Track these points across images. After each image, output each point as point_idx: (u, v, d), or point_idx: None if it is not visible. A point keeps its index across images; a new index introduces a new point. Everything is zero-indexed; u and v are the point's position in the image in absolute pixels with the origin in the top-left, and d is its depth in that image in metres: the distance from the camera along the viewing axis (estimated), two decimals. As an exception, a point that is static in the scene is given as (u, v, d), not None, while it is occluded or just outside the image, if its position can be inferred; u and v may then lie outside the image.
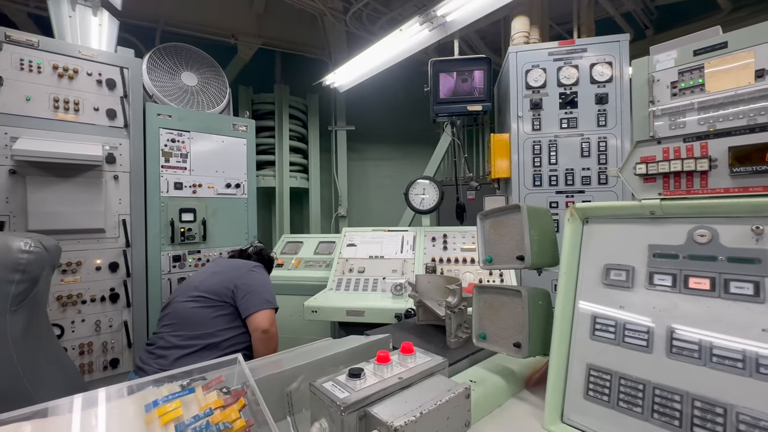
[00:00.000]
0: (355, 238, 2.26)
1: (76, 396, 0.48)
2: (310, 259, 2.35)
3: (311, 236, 2.58)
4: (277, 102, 3.44)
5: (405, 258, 2.09)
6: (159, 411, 0.48)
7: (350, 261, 2.13)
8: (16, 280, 0.86)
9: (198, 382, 0.56)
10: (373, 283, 1.98)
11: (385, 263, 2.08)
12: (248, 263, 1.53)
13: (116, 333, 1.84)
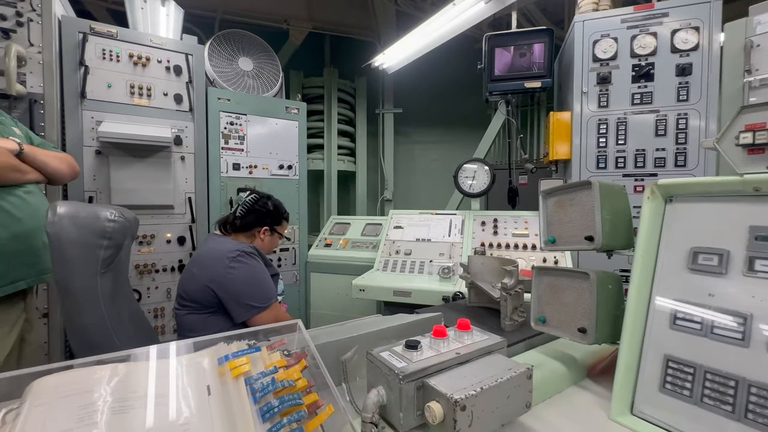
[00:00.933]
0: (402, 220, 2.25)
1: (160, 345, 0.52)
2: (357, 240, 2.39)
3: (358, 218, 2.61)
4: (326, 85, 3.49)
5: (453, 242, 2.05)
6: (230, 365, 0.52)
7: (397, 243, 2.14)
8: (104, 246, 0.97)
9: (263, 342, 0.59)
10: (420, 265, 1.97)
11: (432, 246, 2.06)
12: (225, 255, 1.20)
13: (184, 301, 2.03)
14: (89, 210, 0.97)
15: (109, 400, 0.43)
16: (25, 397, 0.42)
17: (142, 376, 0.48)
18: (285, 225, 1.48)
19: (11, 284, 1.12)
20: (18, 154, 1.15)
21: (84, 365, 0.47)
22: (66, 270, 0.91)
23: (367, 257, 2.21)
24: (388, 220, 2.28)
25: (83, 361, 0.48)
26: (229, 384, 0.49)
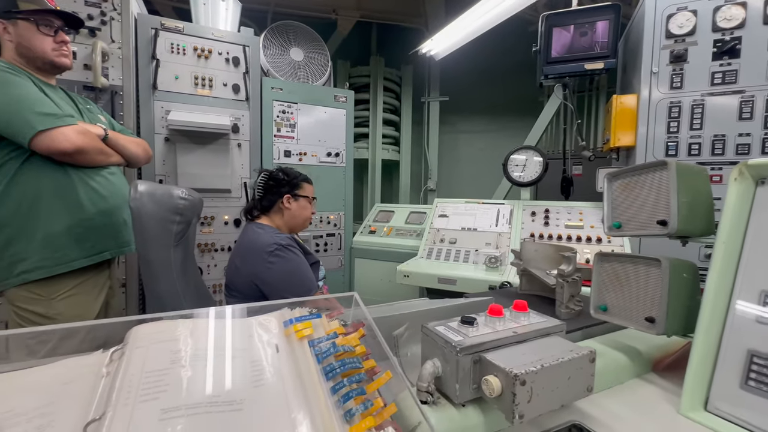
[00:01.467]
0: (447, 209, 2.23)
1: (234, 306, 0.57)
2: (401, 227, 2.41)
3: (402, 206, 2.62)
4: (372, 74, 3.50)
5: (500, 232, 2.00)
6: (294, 327, 0.55)
7: (441, 231, 2.12)
8: (176, 221, 1.06)
9: (322, 310, 0.62)
10: (465, 254, 1.94)
11: (478, 236, 2.02)
12: (263, 250, 1.22)
13: (239, 279, 2.17)
14: (164, 189, 1.07)
15: (193, 348, 0.48)
16: (126, 340, 0.49)
17: (220, 331, 0.53)
18: (307, 187, 1.42)
19: (99, 254, 1.26)
20: (104, 138, 1.28)
21: (171, 318, 0.53)
22: (145, 241, 1.01)
23: (410, 245, 2.22)
24: (432, 209, 2.26)
25: (170, 314, 0.54)
26: (295, 345, 0.53)
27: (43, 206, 1.15)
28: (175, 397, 0.41)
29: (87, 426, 0.38)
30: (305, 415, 0.43)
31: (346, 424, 0.43)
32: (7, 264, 1.13)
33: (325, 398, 0.45)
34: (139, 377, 0.42)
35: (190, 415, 0.39)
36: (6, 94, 1.07)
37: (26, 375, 0.47)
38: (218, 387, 0.44)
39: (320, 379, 0.48)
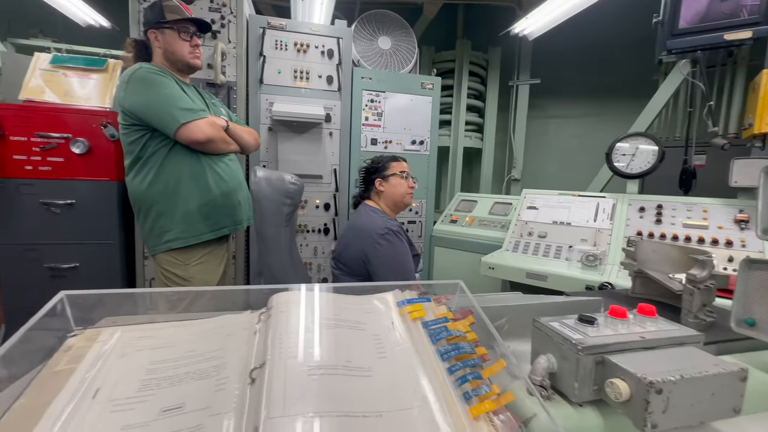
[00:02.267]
0: (537, 201, 2.10)
1: (352, 284, 0.63)
2: (485, 218, 2.34)
3: (486, 196, 2.54)
4: (457, 58, 3.40)
5: (599, 227, 1.82)
6: (408, 308, 0.59)
7: (530, 224, 2.01)
8: (287, 203, 1.19)
9: (430, 295, 0.64)
10: (557, 249, 1.82)
11: (572, 231, 1.87)
12: (375, 232, 1.29)
13: (326, 259, 2.34)
14: (277, 175, 1.20)
15: (323, 317, 0.55)
16: (270, 305, 0.57)
17: (343, 304, 0.59)
18: (394, 165, 1.48)
19: (220, 230, 1.46)
20: (225, 129, 1.47)
21: (304, 290, 0.60)
22: (262, 219, 1.15)
23: (494, 236, 2.15)
24: (520, 200, 2.15)
25: (302, 286, 0.61)
26: (409, 324, 0.56)
27: (183, 188, 1.37)
28: (315, 357, 0.47)
29: (252, 371, 0.46)
30: (428, 388, 0.46)
31: (465, 404, 0.45)
32: (157, 234, 1.38)
33: (443, 376, 0.48)
34: (286, 337, 0.50)
35: (330, 374, 0.45)
36: (159, 93, 1.29)
37: (198, 325, 0.58)
38: (347, 354, 0.49)
39: (437, 359, 0.50)
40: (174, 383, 0.46)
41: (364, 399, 0.43)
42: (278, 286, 0.60)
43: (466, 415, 0.43)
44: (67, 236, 1.83)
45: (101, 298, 0.57)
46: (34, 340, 0.51)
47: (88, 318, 0.57)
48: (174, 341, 0.53)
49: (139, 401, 0.44)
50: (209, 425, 0.41)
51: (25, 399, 0.44)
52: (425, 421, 0.42)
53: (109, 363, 0.49)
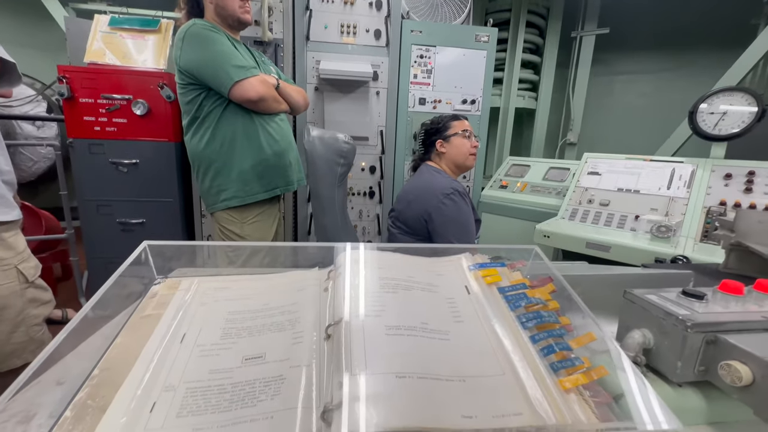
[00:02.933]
0: (600, 166, 1.93)
1: (416, 246, 0.60)
2: (538, 184, 2.20)
3: (540, 160, 2.38)
4: (514, 7, 3.08)
5: (672, 196, 1.65)
6: (482, 272, 0.55)
7: (590, 191, 1.86)
8: (340, 163, 1.16)
9: (503, 260, 0.60)
10: (620, 219, 1.68)
11: (640, 199, 1.71)
12: (440, 191, 1.25)
13: (371, 222, 2.35)
14: (330, 134, 1.17)
15: (393, 278, 0.53)
16: (339, 262, 0.56)
17: (413, 265, 0.57)
18: (455, 124, 1.40)
19: (272, 190, 1.49)
20: (276, 88, 1.45)
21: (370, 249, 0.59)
22: (316, 179, 1.15)
23: (548, 203, 2.03)
24: (581, 165, 1.99)
25: (369, 245, 0.59)
26: (484, 289, 0.53)
27: (237, 147, 1.39)
28: (393, 317, 0.45)
29: (327, 327, 0.45)
30: (513, 356, 0.43)
31: (554, 376, 0.41)
32: (215, 192, 1.43)
33: (528, 345, 0.44)
34: (360, 296, 0.48)
35: (408, 335, 0.43)
36: (213, 51, 1.28)
37: (269, 279, 0.58)
38: (423, 315, 0.47)
39: (518, 327, 0.47)
40: (253, 333, 0.47)
41: (445, 363, 0.41)
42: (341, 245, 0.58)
43: (556, 387, 0.40)
44: (134, 194, 1.96)
45: (178, 248, 0.59)
46: (123, 286, 0.54)
47: (166, 267, 0.60)
48: (248, 294, 0.54)
49: (222, 348, 0.45)
50: (291, 377, 0.41)
51: (122, 338, 0.47)
52: (512, 390, 0.39)
53: (191, 311, 0.50)
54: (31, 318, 0.93)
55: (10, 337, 0.90)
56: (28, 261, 0.92)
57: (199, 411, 0.38)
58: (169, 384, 0.40)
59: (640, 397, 0.40)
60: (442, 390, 0.38)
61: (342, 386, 0.37)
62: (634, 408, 0.38)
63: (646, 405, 0.38)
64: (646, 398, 0.40)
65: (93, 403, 0.39)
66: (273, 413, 0.37)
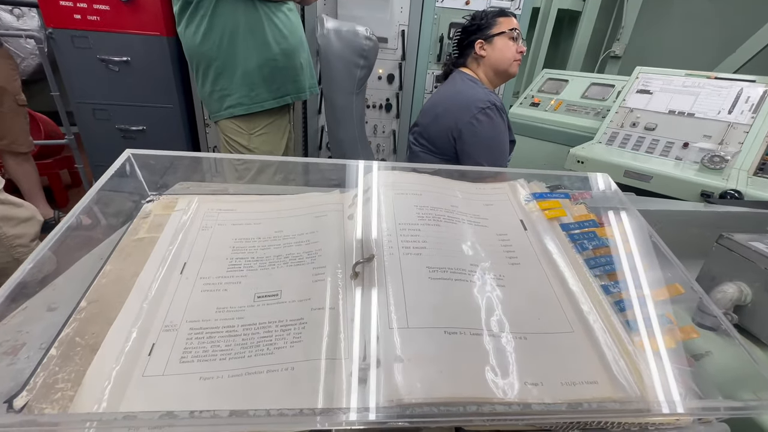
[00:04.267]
0: (652, 83, 1.68)
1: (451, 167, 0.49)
2: (575, 103, 1.96)
3: (581, 74, 2.09)
4: None
5: (732, 122, 1.44)
6: (541, 204, 0.45)
7: (636, 113, 1.65)
8: (360, 65, 0.99)
9: (566, 190, 0.49)
10: (666, 146, 1.51)
11: (693, 124, 1.51)
12: (474, 104, 1.07)
13: (386, 138, 2.18)
14: (349, 26, 0.97)
15: (434, 207, 0.43)
16: (367, 185, 0.45)
17: (456, 193, 0.46)
18: (502, 21, 1.15)
19: (282, 97, 1.32)
20: (282, -36, 1.18)
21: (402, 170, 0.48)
22: (331, 85, 0.99)
23: (585, 125, 1.82)
24: (630, 81, 1.73)
25: (401, 165, 0.48)
26: (544, 225, 0.43)
27: (240, 41, 1.19)
28: (436, 256, 0.37)
29: (356, 265, 0.37)
30: (583, 310, 0.35)
31: (632, 335, 0.34)
32: (218, 98, 1.27)
33: (599, 297, 0.36)
34: (394, 228, 0.39)
35: (456, 279, 0.35)
36: None
37: (281, 201, 0.49)
38: (473, 255, 0.38)
39: (588, 274, 0.38)
40: (265, 266, 0.40)
41: (499, 315, 0.33)
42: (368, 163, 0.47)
43: (636, 350, 0.33)
44: (130, 98, 1.80)
45: (172, 161, 0.49)
46: (111, 202, 0.45)
47: (161, 183, 0.50)
48: (258, 218, 0.45)
49: (230, 282, 0.38)
50: (313, 320, 0.34)
51: (111, 266, 0.39)
52: (585, 352, 0.32)
53: (191, 236, 0.42)
54: (10, 238, 0.85)
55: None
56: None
57: (206, 356, 0.32)
58: (169, 323, 0.34)
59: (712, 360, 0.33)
60: (500, 350, 0.31)
61: (378, 341, 0.30)
62: (737, 382, 0.31)
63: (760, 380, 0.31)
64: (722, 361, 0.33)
65: (82, 341, 0.33)
66: (293, 364, 0.31)
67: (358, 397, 0.29)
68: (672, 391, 0.31)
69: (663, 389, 0.30)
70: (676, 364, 0.33)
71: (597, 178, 0.51)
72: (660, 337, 0.33)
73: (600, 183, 0.50)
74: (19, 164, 1.75)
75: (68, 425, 0.24)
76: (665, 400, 0.30)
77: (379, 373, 0.28)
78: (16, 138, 1.72)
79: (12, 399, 0.28)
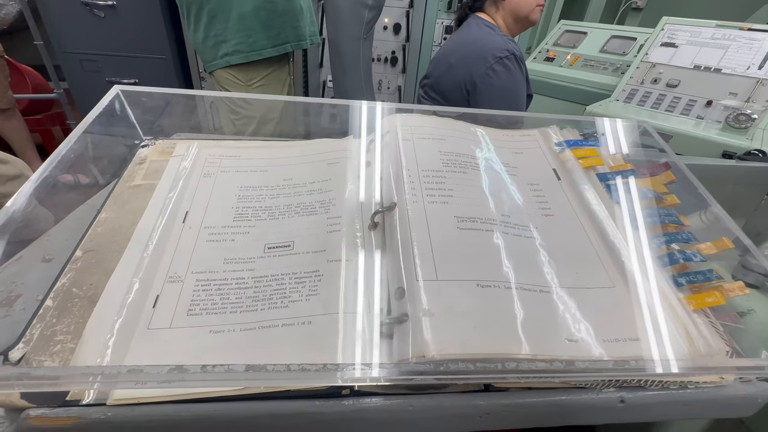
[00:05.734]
0: (679, 35, 1.56)
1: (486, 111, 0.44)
2: (593, 57, 1.84)
3: (601, 26, 1.95)
4: None
5: (762, 78, 1.35)
6: (576, 152, 0.41)
7: (659, 68, 1.55)
8: (368, 5, 0.90)
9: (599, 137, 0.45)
10: (688, 104, 1.43)
11: (719, 81, 1.42)
12: (491, 53, 0.97)
13: (392, 95, 2.08)
14: (354, -41, 0.86)
15: (459, 154, 0.39)
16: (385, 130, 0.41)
17: (481, 136, 0.42)
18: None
19: (282, 45, 1.22)
20: None
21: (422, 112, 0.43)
22: (337, 28, 0.90)
23: (602, 82, 1.72)
24: (654, 33, 1.61)
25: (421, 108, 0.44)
26: (579, 175, 0.39)
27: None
28: (464, 205, 0.33)
29: (375, 214, 0.34)
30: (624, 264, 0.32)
31: (677, 292, 0.31)
32: (212, 45, 1.18)
33: (644, 252, 0.33)
34: (417, 174, 0.35)
35: (486, 230, 0.32)
36: None
37: (289, 147, 0.44)
38: (502, 205, 0.35)
39: (629, 227, 0.35)
40: (275, 216, 0.36)
41: (534, 268, 0.31)
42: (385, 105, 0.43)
43: (681, 306, 0.30)
44: (119, 48, 1.69)
45: (167, 103, 0.44)
46: (102, 146, 0.41)
47: (155, 128, 0.46)
48: (264, 165, 0.41)
49: (237, 232, 0.35)
50: (329, 273, 0.31)
51: (107, 213, 0.36)
52: (626, 308, 0.29)
53: (192, 183, 0.39)
54: (1, 197, 0.80)
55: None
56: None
57: (216, 309, 0.29)
58: (174, 274, 0.31)
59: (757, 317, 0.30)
60: (537, 305, 0.28)
61: (404, 294, 0.27)
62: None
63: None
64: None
65: (80, 292, 0.30)
66: (310, 318, 0.29)
67: (382, 352, 0.26)
68: (717, 350, 0.28)
69: (708, 347, 0.28)
70: (724, 321, 0.30)
71: (634, 126, 0.47)
72: (708, 293, 0.31)
73: (636, 132, 0.46)
74: (6, 119, 1.67)
75: (69, 379, 0.22)
76: (711, 358, 0.28)
77: (404, 327, 0.26)
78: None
79: (8, 351, 0.26)
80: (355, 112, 0.44)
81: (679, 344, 0.27)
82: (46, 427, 0.24)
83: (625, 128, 0.46)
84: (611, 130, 0.46)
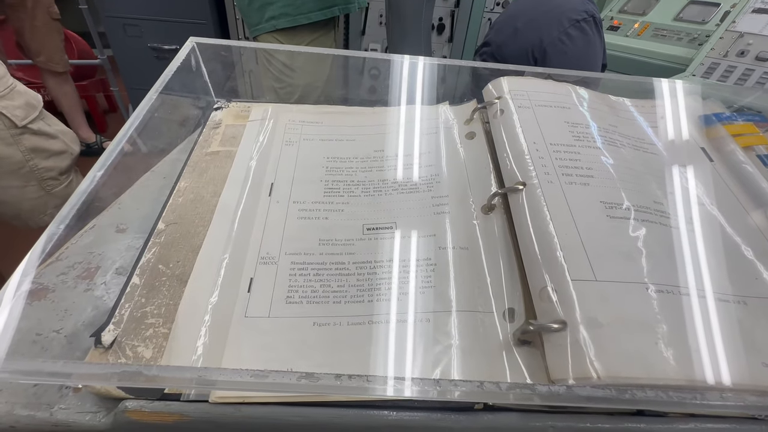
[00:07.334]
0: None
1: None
2: (666, 26, 1.65)
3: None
4: None
5: None
6: (731, 128, 0.33)
7: (747, 38, 1.36)
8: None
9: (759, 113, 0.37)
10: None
11: (823, 52, 1.23)
12: (567, 16, 0.84)
13: (434, 67, 1.97)
14: None
15: (585, 125, 0.32)
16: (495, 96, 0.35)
17: (600, 105, 0.35)
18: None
19: (329, 8, 1.15)
20: None
21: (537, 76, 0.37)
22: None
23: (676, 54, 1.54)
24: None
25: (532, 69, 0.37)
26: (737, 156, 0.32)
27: (282, -66, 1.00)
28: (608, 188, 0.27)
29: (493, 196, 0.28)
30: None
31: None
32: (258, 7, 1.12)
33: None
34: (545, 149, 0.29)
35: (642, 219, 0.26)
36: None
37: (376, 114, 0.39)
38: (653, 191, 0.29)
39: (814, 223, 0.28)
40: (370, 192, 0.32)
41: (707, 271, 0.25)
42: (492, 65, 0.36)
43: None
44: (160, 12, 1.66)
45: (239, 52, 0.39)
46: (174, 108, 0.37)
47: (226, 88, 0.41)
48: (351, 133, 0.36)
49: (330, 210, 0.31)
50: (442, 262, 0.26)
51: (186, 182, 0.33)
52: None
53: (274, 152, 0.34)
54: (41, 171, 0.78)
55: (23, 192, 0.78)
56: (9, 98, 0.64)
57: (317, 297, 0.25)
58: (266, 254, 0.27)
59: None
60: (718, 317, 0.22)
61: (553, 296, 0.22)
62: None
63: None
64: None
65: (167, 269, 0.27)
66: (428, 314, 0.24)
67: (522, 364, 0.22)
68: None
69: None
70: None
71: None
72: None
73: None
74: (58, 84, 1.70)
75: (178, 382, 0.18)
76: None
77: (557, 338, 0.21)
78: (52, 55, 1.64)
79: (99, 333, 0.23)
80: (452, 75, 0.37)
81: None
82: (145, 422, 0.21)
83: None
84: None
